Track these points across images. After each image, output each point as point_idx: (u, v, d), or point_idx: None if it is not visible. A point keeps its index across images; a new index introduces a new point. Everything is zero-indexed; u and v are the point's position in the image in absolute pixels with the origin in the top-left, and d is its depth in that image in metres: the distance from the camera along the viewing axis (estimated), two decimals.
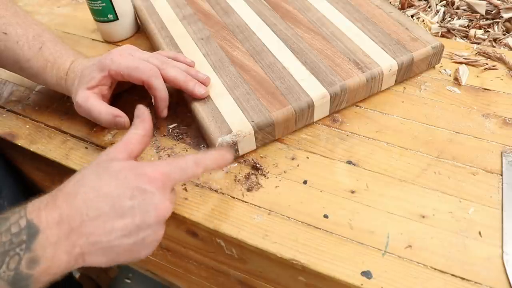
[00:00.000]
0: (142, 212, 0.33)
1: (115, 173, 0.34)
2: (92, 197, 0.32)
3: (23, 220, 0.31)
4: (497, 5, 0.65)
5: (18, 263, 0.29)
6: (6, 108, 0.56)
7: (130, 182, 0.33)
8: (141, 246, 0.34)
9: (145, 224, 0.33)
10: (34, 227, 0.30)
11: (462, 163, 0.44)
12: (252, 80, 0.49)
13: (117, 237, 0.32)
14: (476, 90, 0.52)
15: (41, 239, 0.30)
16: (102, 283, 1.04)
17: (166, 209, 0.34)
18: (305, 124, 0.49)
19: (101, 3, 0.58)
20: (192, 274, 0.61)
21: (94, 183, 0.33)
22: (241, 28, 0.57)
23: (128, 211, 0.33)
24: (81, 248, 0.32)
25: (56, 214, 0.31)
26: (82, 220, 0.32)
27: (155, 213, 0.33)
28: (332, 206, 0.41)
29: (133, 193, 0.33)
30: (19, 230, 0.30)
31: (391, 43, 0.52)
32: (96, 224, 0.32)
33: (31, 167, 0.61)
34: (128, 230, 0.33)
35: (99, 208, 0.32)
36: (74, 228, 0.31)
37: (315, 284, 0.41)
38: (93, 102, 0.45)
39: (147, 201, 0.33)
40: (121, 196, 0.33)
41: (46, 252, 0.30)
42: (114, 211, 0.32)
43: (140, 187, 0.33)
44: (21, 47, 0.48)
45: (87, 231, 0.32)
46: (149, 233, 0.34)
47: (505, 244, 0.37)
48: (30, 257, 0.30)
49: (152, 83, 0.45)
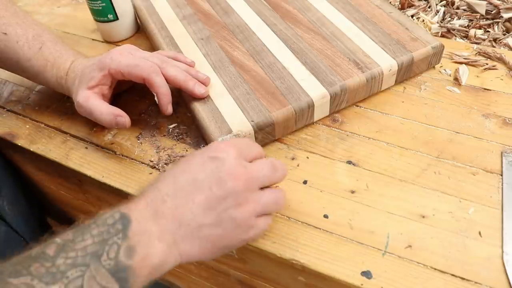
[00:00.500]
0: (217, 180, 0.33)
1: (189, 156, 0.36)
2: (168, 177, 0.34)
3: (117, 213, 0.32)
4: (497, 5, 0.65)
5: (117, 252, 0.30)
6: (6, 108, 0.56)
7: (201, 155, 0.35)
8: (231, 224, 0.33)
9: (222, 191, 0.33)
10: (127, 216, 0.31)
11: (462, 163, 0.44)
12: (252, 80, 0.49)
13: (199, 212, 0.33)
14: (476, 90, 0.52)
15: (134, 227, 0.31)
16: None
17: (243, 173, 0.34)
18: (305, 124, 0.49)
19: (101, 3, 0.58)
20: (192, 274, 0.61)
21: (171, 169, 0.35)
22: (241, 28, 0.57)
23: (203, 182, 0.33)
24: (172, 234, 0.32)
25: (143, 202, 0.33)
26: (163, 200, 0.33)
27: (230, 178, 0.33)
28: (332, 206, 0.41)
29: (204, 163, 0.34)
30: (114, 221, 0.31)
31: (391, 43, 0.52)
32: (177, 202, 0.33)
33: (31, 167, 0.61)
34: (208, 202, 0.33)
35: (176, 185, 0.33)
36: (159, 209, 0.32)
37: (315, 284, 0.41)
38: (93, 102, 0.45)
39: (219, 167, 0.34)
40: (193, 168, 0.34)
41: (141, 239, 0.31)
42: (190, 185, 0.33)
43: (211, 155, 0.34)
44: (21, 47, 0.48)
45: (171, 210, 0.32)
46: (233, 202, 0.33)
47: (505, 244, 0.37)
48: (127, 245, 0.30)
49: (152, 80, 0.44)
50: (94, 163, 0.47)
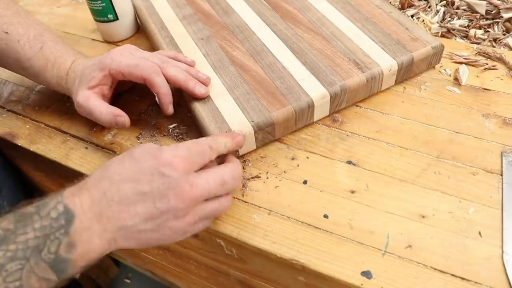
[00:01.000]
0: (161, 196, 0.34)
1: (137, 157, 0.35)
2: (115, 181, 0.34)
3: (61, 206, 0.32)
4: (497, 5, 0.65)
5: (58, 247, 0.31)
6: (6, 108, 0.56)
7: (149, 166, 0.34)
8: (166, 230, 0.35)
9: (164, 207, 0.34)
10: (70, 212, 0.32)
11: (462, 163, 0.44)
12: (252, 80, 0.49)
13: (141, 221, 0.34)
14: (476, 90, 0.52)
15: (76, 224, 0.32)
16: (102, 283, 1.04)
17: (187, 193, 0.34)
18: (305, 124, 0.49)
19: (101, 3, 0.58)
20: (192, 274, 0.61)
21: (118, 168, 0.35)
22: (241, 28, 0.57)
23: (148, 195, 0.34)
24: (112, 233, 0.33)
25: (87, 199, 0.33)
26: (108, 205, 0.33)
27: (174, 197, 0.34)
28: (332, 206, 0.41)
29: (153, 177, 0.34)
30: (57, 215, 0.32)
31: (391, 43, 0.52)
32: (121, 208, 0.33)
33: (31, 167, 0.61)
34: (150, 214, 0.34)
35: (122, 191, 0.34)
36: (103, 211, 0.33)
37: (315, 284, 0.41)
38: (93, 102, 0.45)
39: (166, 185, 0.34)
40: (141, 180, 0.34)
41: (81, 237, 0.32)
42: (136, 195, 0.34)
43: (159, 171, 0.34)
44: (22, 47, 0.48)
45: (114, 215, 0.33)
46: (171, 216, 0.34)
47: (505, 244, 0.37)
48: (68, 241, 0.31)
49: (153, 80, 0.44)
50: (94, 163, 0.47)
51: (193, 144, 0.37)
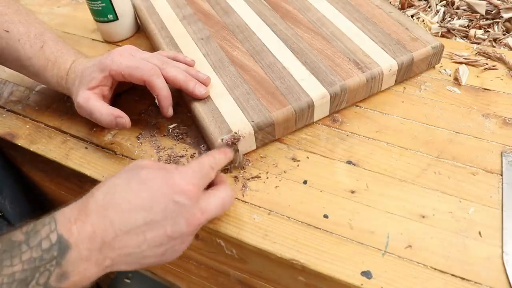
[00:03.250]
0: (174, 223, 0.33)
1: (147, 182, 0.33)
2: (125, 210, 0.32)
3: (54, 235, 0.30)
4: (497, 5, 0.65)
5: (47, 278, 0.29)
6: (6, 108, 0.56)
7: (162, 194, 0.33)
8: (170, 253, 0.35)
9: (176, 234, 0.34)
10: (65, 242, 0.30)
11: (462, 163, 0.44)
12: (252, 80, 0.49)
13: (148, 248, 0.33)
14: (476, 90, 0.52)
15: (72, 255, 0.30)
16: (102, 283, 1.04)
17: (198, 220, 0.35)
18: (305, 124, 0.49)
19: (101, 3, 0.58)
20: (192, 274, 0.61)
21: (125, 193, 0.33)
22: (241, 28, 0.57)
23: (160, 223, 0.33)
24: (112, 260, 0.32)
25: (88, 228, 0.31)
26: (115, 235, 0.31)
27: (186, 225, 0.34)
28: (332, 206, 0.41)
29: (167, 206, 0.33)
30: (50, 246, 0.29)
31: (391, 43, 0.52)
32: (129, 237, 0.32)
33: (31, 167, 0.61)
34: (160, 240, 0.33)
35: (132, 221, 0.32)
36: (107, 242, 0.31)
37: (315, 284, 0.41)
38: (94, 102, 0.45)
39: (179, 213, 0.33)
40: (153, 208, 0.33)
41: (77, 267, 0.30)
42: (146, 224, 0.32)
43: (173, 199, 0.33)
44: (23, 45, 0.48)
45: (120, 245, 0.32)
46: (180, 242, 0.34)
47: (505, 244, 0.37)
48: (60, 272, 0.29)
49: (153, 83, 0.44)
50: (94, 163, 0.47)
51: (199, 167, 0.36)
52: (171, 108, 0.47)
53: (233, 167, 0.45)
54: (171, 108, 0.47)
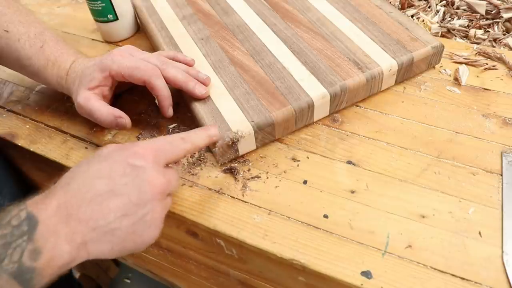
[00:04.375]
0: (136, 188, 0.33)
1: (105, 155, 0.35)
2: (86, 180, 0.33)
3: (23, 212, 0.31)
4: (497, 5, 0.65)
5: (21, 255, 0.29)
6: (6, 108, 0.56)
7: (121, 160, 0.34)
8: (143, 227, 0.34)
9: (142, 201, 0.33)
10: (34, 218, 0.30)
11: (462, 163, 0.44)
12: (252, 80, 0.49)
13: (116, 218, 0.32)
14: (476, 90, 0.52)
15: (41, 229, 0.30)
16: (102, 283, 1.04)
17: (161, 183, 0.34)
18: (305, 124, 0.49)
19: (101, 3, 0.58)
20: (192, 274, 0.61)
21: (86, 168, 0.34)
22: (241, 28, 0.57)
23: (122, 189, 0.33)
24: (83, 236, 0.31)
25: (53, 203, 0.31)
26: (78, 205, 0.32)
27: (150, 188, 0.33)
28: (332, 206, 0.41)
29: (125, 171, 0.33)
30: (19, 222, 0.30)
31: (391, 43, 0.52)
32: (93, 207, 0.32)
33: (31, 167, 0.61)
34: (126, 209, 0.33)
35: (93, 189, 0.32)
36: (73, 213, 0.31)
37: (315, 284, 0.41)
38: (94, 103, 0.45)
39: (140, 176, 0.33)
40: (113, 174, 0.33)
41: (47, 242, 0.30)
42: (108, 191, 0.32)
43: (131, 163, 0.33)
44: (23, 45, 0.48)
45: (86, 216, 0.32)
46: (148, 210, 0.34)
47: (505, 244, 0.37)
48: (32, 248, 0.29)
49: (153, 83, 0.45)
50: None
51: (163, 136, 0.37)
52: (171, 108, 0.47)
53: (220, 153, 0.44)
54: (171, 108, 0.47)
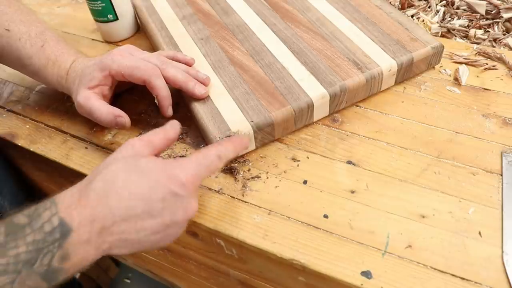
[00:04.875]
0: (171, 213, 0.34)
1: (146, 172, 0.34)
2: (125, 198, 0.33)
3: (56, 218, 0.31)
4: (497, 5, 0.65)
5: (51, 259, 0.30)
6: (6, 108, 0.56)
7: (162, 185, 0.34)
8: (164, 240, 0.36)
9: (173, 223, 0.35)
10: (67, 225, 0.31)
11: (462, 163, 0.44)
12: (251, 80, 0.49)
13: (146, 235, 0.34)
14: (476, 90, 0.52)
15: (73, 238, 0.31)
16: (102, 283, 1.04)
17: (194, 209, 0.36)
18: (305, 124, 0.49)
19: (101, 3, 0.58)
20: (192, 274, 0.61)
21: (125, 182, 0.33)
22: (240, 28, 0.57)
23: (158, 213, 0.34)
24: (110, 244, 0.33)
25: (88, 214, 0.32)
26: (114, 221, 0.32)
27: (183, 215, 0.35)
28: (332, 206, 0.41)
29: (165, 196, 0.34)
30: (52, 229, 0.31)
31: (391, 43, 0.52)
32: (128, 225, 0.33)
33: (31, 167, 0.61)
34: (157, 229, 0.34)
35: (131, 209, 0.33)
36: (106, 227, 0.32)
37: (315, 284, 0.41)
38: (94, 102, 0.45)
39: (178, 204, 0.34)
40: (153, 198, 0.33)
41: (78, 249, 0.31)
42: (145, 212, 0.33)
43: (172, 190, 0.34)
44: (23, 44, 0.48)
45: (118, 231, 0.33)
46: (175, 230, 0.36)
47: (505, 244, 0.37)
48: (62, 253, 0.31)
49: (153, 83, 0.45)
50: (94, 163, 0.47)
51: (202, 157, 0.36)
52: (171, 108, 0.47)
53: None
54: (170, 108, 0.47)
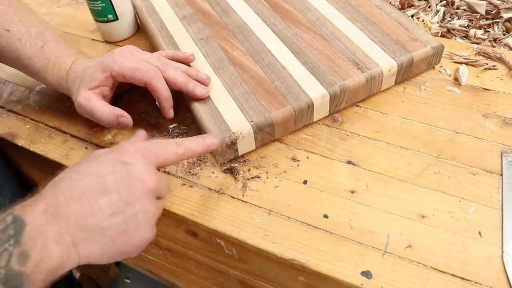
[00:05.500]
0: (126, 185, 0.32)
1: (95, 156, 0.34)
2: (75, 180, 0.32)
3: (10, 216, 0.30)
4: (497, 5, 0.65)
5: (8, 260, 0.28)
6: (6, 108, 0.56)
7: (110, 159, 0.33)
8: (134, 225, 0.33)
9: (131, 198, 0.32)
10: (21, 220, 0.30)
11: (462, 163, 0.44)
12: (251, 80, 0.49)
13: (105, 216, 0.31)
14: (476, 90, 0.52)
15: (28, 231, 0.29)
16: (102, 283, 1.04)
17: (152, 180, 0.33)
18: (305, 124, 0.49)
19: (101, 3, 0.58)
20: (192, 274, 0.61)
21: (76, 168, 0.33)
22: (240, 28, 0.57)
23: (112, 186, 0.32)
24: (71, 236, 0.31)
25: (41, 204, 0.31)
26: (67, 203, 0.31)
27: (140, 185, 0.33)
28: (332, 206, 0.41)
29: (114, 168, 0.33)
30: (5, 226, 0.29)
31: (391, 43, 0.52)
32: (82, 205, 0.31)
33: (31, 167, 0.61)
34: (115, 206, 0.32)
35: (82, 187, 0.32)
36: (60, 212, 0.31)
37: (315, 284, 0.41)
38: (94, 102, 0.45)
39: (130, 173, 0.33)
40: (102, 173, 0.33)
41: (35, 244, 0.29)
42: (97, 189, 0.32)
43: (121, 160, 0.33)
44: (23, 45, 0.47)
45: (74, 214, 0.31)
46: (138, 208, 0.33)
47: (505, 244, 0.37)
48: (19, 251, 0.29)
49: (154, 85, 0.45)
50: None
51: (156, 139, 0.37)
52: (172, 109, 0.47)
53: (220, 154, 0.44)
54: (172, 110, 0.47)
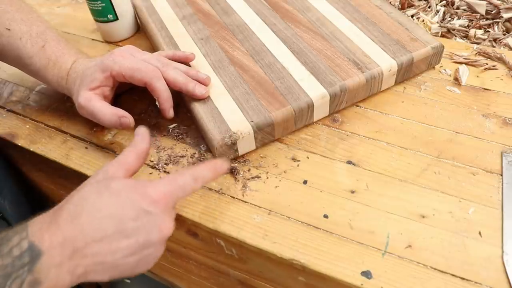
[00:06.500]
0: (146, 232, 0.33)
1: (117, 192, 0.33)
2: (96, 218, 0.32)
3: (25, 242, 0.30)
4: (497, 5, 0.65)
5: (20, 285, 0.29)
6: (6, 108, 0.56)
7: (133, 203, 0.33)
8: (143, 263, 0.34)
9: (148, 243, 0.33)
10: (37, 249, 0.30)
11: (462, 163, 0.44)
12: (251, 80, 0.49)
13: (122, 257, 0.33)
14: (476, 90, 0.52)
15: (44, 261, 0.30)
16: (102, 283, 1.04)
17: (169, 228, 0.35)
18: (305, 124, 0.49)
19: (101, 3, 0.58)
20: (192, 274, 0.61)
21: (96, 203, 0.33)
22: (240, 28, 0.57)
23: (132, 232, 0.33)
24: (85, 268, 0.32)
25: (59, 235, 0.31)
26: (86, 242, 0.31)
27: (158, 233, 0.34)
28: (332, 206, 0.41)
29: (137, 214, 0.33)
30: (21, 253, 0.29)
31: (391, 43, 0.52)
32: (101, 246, 0.32)
33: (31, 167, 0.61)
34: (133, 249, 0.33)
35: (103, 229, 0.32)
36: (78, 249, 0.31)
37: (315, 284, 0.41)
38: (95, 103, 0.45)
39: (151, 222, 0.33)
40: (125, 217, 0.33)
41: (49, 274, 0.30)
42: (118, 232, 0.32)
43: (143, 208, 0.33)
44: (24, 44, 0.47)
45: (92, 252, 0.31)
46: (152, 251, 0.34)
47: (505, 244, 0.37)
48: (32, 279, 0.29)
49: (154, 85, 0.44)
50: (94, 163, 0.47)
51: (176, 177, 0.36)
52: (172, 110, 0.47)
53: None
54: (172, 110, 0.47)
